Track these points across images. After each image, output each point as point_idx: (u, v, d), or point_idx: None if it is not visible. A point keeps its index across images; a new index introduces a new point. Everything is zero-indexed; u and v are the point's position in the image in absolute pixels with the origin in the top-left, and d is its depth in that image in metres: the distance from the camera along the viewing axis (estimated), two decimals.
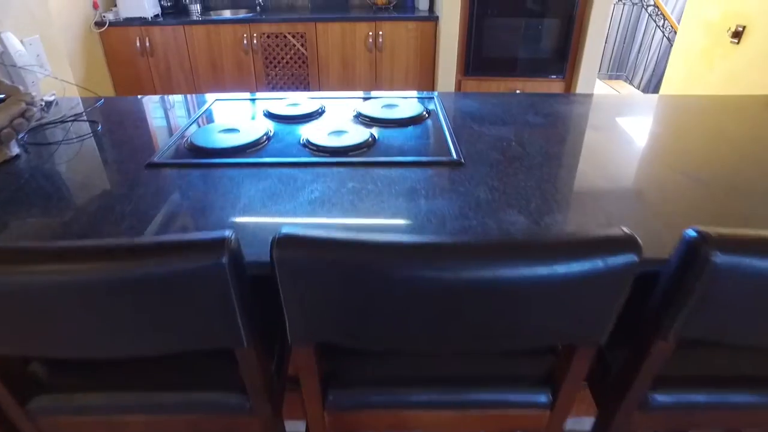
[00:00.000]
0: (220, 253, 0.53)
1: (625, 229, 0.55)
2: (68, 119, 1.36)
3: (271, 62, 3.32)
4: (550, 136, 1.22)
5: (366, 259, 0.53)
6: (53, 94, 1.53)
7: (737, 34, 3.59)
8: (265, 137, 1.16)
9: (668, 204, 0.88)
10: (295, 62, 3.31)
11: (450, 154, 1.08)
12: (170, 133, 1.24)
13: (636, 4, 5.62)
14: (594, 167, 1.04)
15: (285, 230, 0.54)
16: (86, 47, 3.17)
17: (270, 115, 1.32)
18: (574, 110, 1.41)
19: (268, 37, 3.24)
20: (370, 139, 1.13)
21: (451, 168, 1.03)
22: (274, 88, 3.41)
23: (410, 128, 1.24)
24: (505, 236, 0.73)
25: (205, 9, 3.62)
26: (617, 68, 6.27)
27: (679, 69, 4.26)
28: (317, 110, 1.34)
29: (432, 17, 3.20)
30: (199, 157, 1.08)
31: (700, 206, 0.88)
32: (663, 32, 5.64)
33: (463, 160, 1.06)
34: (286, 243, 0.53)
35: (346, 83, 3.37)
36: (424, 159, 1.05)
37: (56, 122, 1.34)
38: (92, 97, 1.60)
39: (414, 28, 3.21)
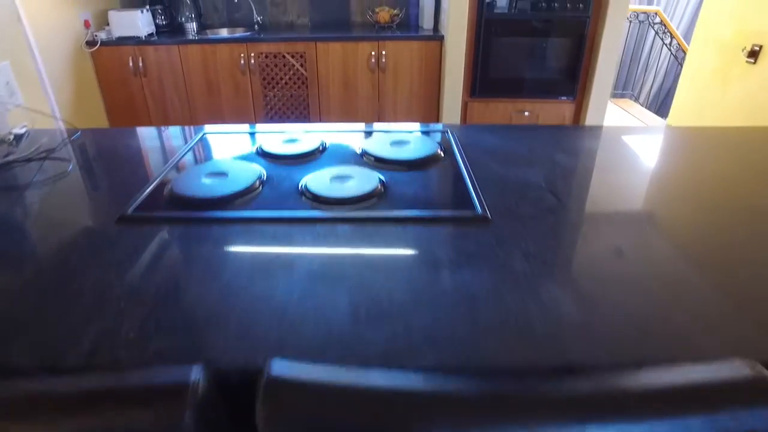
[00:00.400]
0: (180, 409, 0.36)
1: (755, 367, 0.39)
2: (36, 157, 1.21)
3: (269, 83, 3.18)
4: (584, 180, 1.06)
5: (386, 419, 0.37)
6: (24, 126, 1.38)
7: (753, 54, 3.46)
8: (258, 182, 1.00)
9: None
10: (294, 83, 3.18)
11: (473, 206, 0.92)
12: (152, 174, 1.08)
13: (642, 22, 5.52)
14: (649, 225, 0.88)
15: (274, 370, 0.38)
16: (76, 68, 3.04)
17: (264, 154, 1.17)
18: (605, 146, 1.26)
19: (266, 57, 3.11)
20: (378, 187, 0.97)
21: (477, 225, 0.87)
22: (272, 110, 3.27)
23: (424, 171, 1.08)
24: (570, 381, 0.57)
25: (202, 27, 3.50)
26: (623, 86, 6.16)
27: (690, 90, 4.13)
28: (317, 148, 1.18)
29: (437, 36, 3.07)
30: (180, 208, 0.93)
31: None
32: (670, 50, 5.53)
33: (489, 215, 0.90)
34: (275, 396, 0.37)
35: (347, 104, 3.23)
36: (444, 214, 0.90)
37: (22, 160, 1.19)
38: (70, 129, 1.45)
39: (418, 48, 3.08)
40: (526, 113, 3.22)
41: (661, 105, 6.80)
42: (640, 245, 0.81)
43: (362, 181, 0.99)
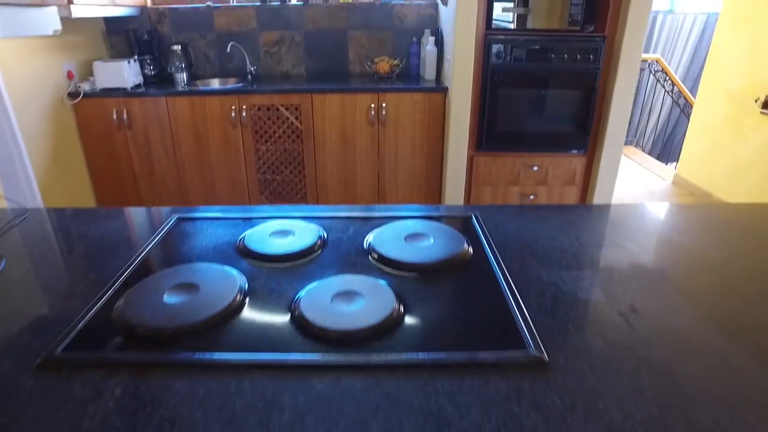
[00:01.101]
0: None
1: None
2: None
3: (261, 136, 2.99)
4: (653, 288, 0.83)
5: None
6: None
7: None
8: (236, 303, 0.77)
9: None
10: (289, 136, 2.99)
11: (524, 342, 0.69)
12: (99, 285, 0.85)
13: (643, 69, 5.46)
14: None
15: None
16: (56, 120, 2.84)
17: (248, 252, 0.94)
18: (664, 232, 1.04)
19: (258, 109, 2.93)
20: (394, 311, 0.74)
21: (532, 374, 0.64)
22: (264, 164, 3.07)
23: (448, 280, 0.85)
24: None
25: (193, 78, 3.34)
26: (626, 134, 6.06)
27: (700, 139, 3.99)
28: (314, 245, 0.96)
29: (440, 88, 2.91)
30: (127, 346, 0.69)
31: None
32: (672, 97, 5.45)
33: (546, 356, 0.66)
34: None
35: (345, 159, 3.04)
36: (482, 357, 0.66)
37: None
38: (19, 208, 1.22)
39: (421, 100, 2.91)
40: (535, 168, 3.03)
41: (662, 150, 6.70)
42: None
43: (373, 298, 0.76)
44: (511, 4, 2.77)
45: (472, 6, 2.66)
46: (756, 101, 3.41)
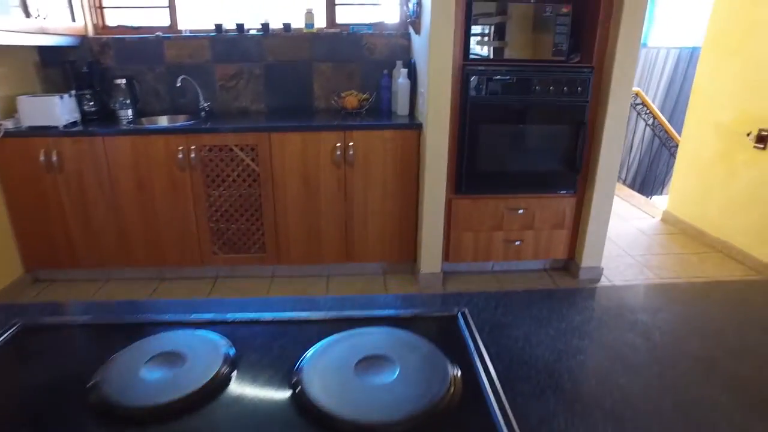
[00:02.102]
0: None
1: None
2: None
3: (213, 180, 2.64)
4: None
5: None
6: None
7: (762, 139, 3.13)
8: None
9: None
10: (244, 180, 2.65)
11: None
12: None
13: None
14: None
15: None
16: None
17: (102, 407, 0.58)
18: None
19: (210, 150, 2.59)
20: None
21: None
22: (217, 212, 2.70)
23: None
24: None
25: (140, 115, 2.99)
26: None
27: (689, 174, 3.77)
28: (211, 381, 0.60)
29: (414, 125, 2.62)
30: None
31: None
32: (654, 130, 5.30)
33: None
34: None
35: (308, 205, 2.70)
36: None
37: None
38: None
39: (392, 138, 2.61)
40: (521, 211, 2.73)
41: (643, 184, 6.54)
42: None
43: None
44: (487, 37, 2.53)
45: (448, 34, 2.40)
46: (748, 135, 3.21)
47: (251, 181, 2.65)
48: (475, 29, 2.50)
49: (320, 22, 3.12)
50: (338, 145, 2.58)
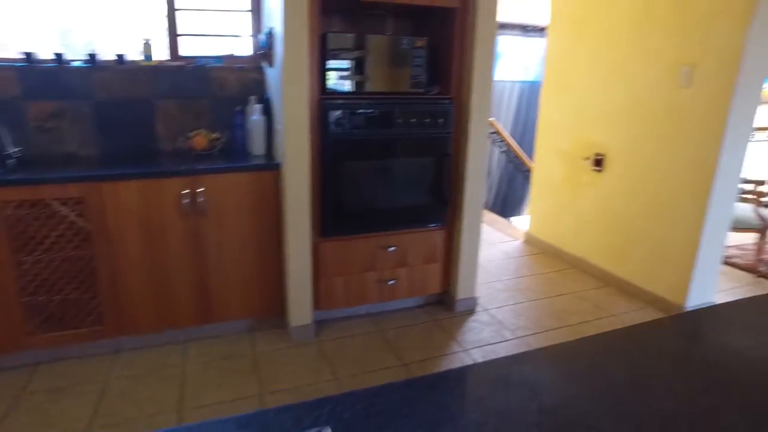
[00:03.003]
0: None
1: None
2: None
3: (25, 245, 2.16)
4: None
5: None
6: None
7: (598, 162, 3.41)
8: None
9: None
10: (70, 240, 2.20)
11: None
12: None
13: None
14: None
15: None
16: None
17: None
18: None
19: (18, 206, 2.12)
20: None
21: None
22: (32, 284, 2.21)
23: None
24: None
25: None
26: None
27: (544, 199, 4.01)
28: None
29: (271, 165, 2.40)
30: None
31: None
32: (509, 156, 5.66)
33: None
34: None
35: (153, 266, 2.33)
36: None
37: None
38: None
39: (248, 181, 2.37)
40: (392, 248, 2.63)
41: (503, 206, 6.97)
42: None
43: None
44: (346, 71, 2.43)
45: (302, 67, 2.24)
46: (587, 160, 3.49)
47: (79, 241, 2.21)
48: (335, 63, 2.38)
49: (161, 54, 2.79)
50: (186, 192, 2.27)
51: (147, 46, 2.68)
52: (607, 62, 3.27)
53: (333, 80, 2.40)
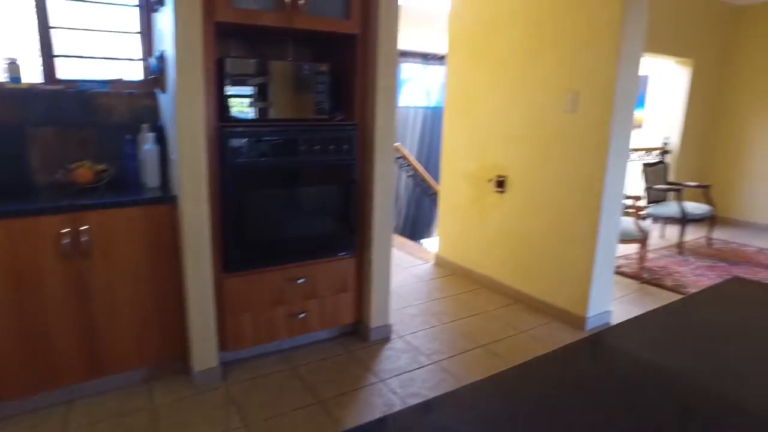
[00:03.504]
0: None
1: None
2: None
3: None
4: None
5: None
6: None
7: (500, 184, 3.56)
8: None
9: None
10: None
11: None
12: None
13: None
14: None
15: None
16: None
17: None
18: None
19: None
20: None
21: None
22: None
23: None
24: None
25: None
26: None
27: (451, 221, 4.10)
28: None
29: (167, 198, 2.22)
30: None
31: None
32: (416, 180, 5.77)
33: None
34: None
35: (26, 316, 2.03)
36: None
37: None
38: None
39: (141, 216, 2.17)
40: (302, 280, 2.53)
41: (411, 228, 7.08)
42: None
43: None
44: (249, 99, 2.33)
45: (197, 92, 2.11)
46: (490, 181, 3.63)
47: None
48: (234, 89, 2.27)
49: (33, 76, 2.51)
50: (66, 231, 2.02)
51: (13, 67, 2.39)
52: (504, 88, 3.45)
53: (233, 107, 2.29)
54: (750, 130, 5.93)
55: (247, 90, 2.33)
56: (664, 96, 6.14)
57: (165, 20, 2.21)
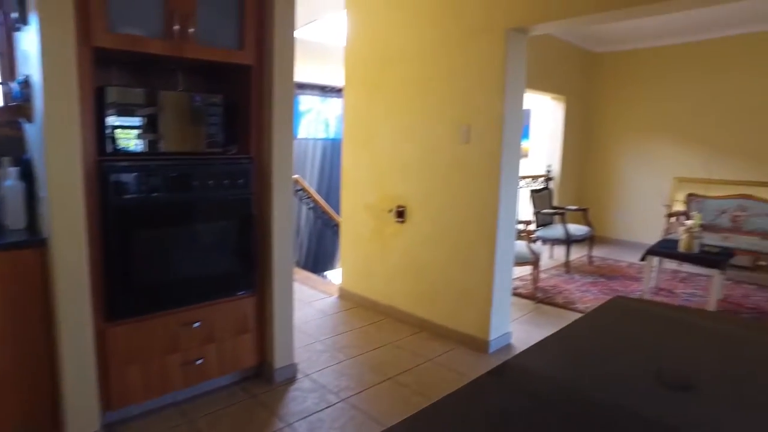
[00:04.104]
0: None
1: None
2: None
3: None
4: None
5: None
6: None
7: (400, 214, 3.62)
8: None
9: None
10: None
11: None
12: None
13: None
14: None
15: None
16: None
17: None
18: None
19: None
20: None
21: None
22: None
23: None
24: None
25: None
26: None
27: (354, 253, 4.08)
28: None
29: (34, 241, 1.97)
30: None
31: None
32: (316, 213, 5.70)
33: None
34: None
35: None
36: None
37: None
38: None
39: (1, 263, 1.89)
40: (197, 324, 2.34)
41: (314, 262, 6.97)
42: None
43: None
44: (136, 131, 2.15)
45: (71, 122, 1.90)
46: (390, 212, 3.68)
47: None
48: (118, 120, 2.08)
49: None
50: None
51: None
52: (400, 121, 3.54)
53: (118, 139, 2.10)
54: (615, 159, 6.65)
55: (134, 121, 2.16)
56: (545, 128, 6.71)
57: (30, 41, 1.99)
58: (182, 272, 2.27)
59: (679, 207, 5.69)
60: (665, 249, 4.24)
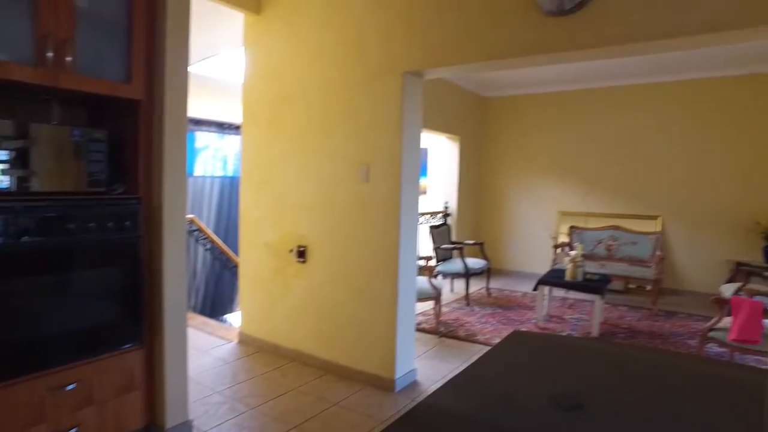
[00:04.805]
0: None
1: None
2: None
3: None
4: None
5: None
6: None
7: (301, 254, 3.54)
8: None
9: None
10: None
11: None
12: None
13: None
14: None
15: None
16: None
17: None
18: None
19: None
20: None
21: None
22: None
23: None
24: None
25: None
26: None
27: (254, 295, 3.90)
28: None
29: None
30: None
31: None
32: (213, 253, 5.42)
33: None
34: None
35: None
36: None
37: None
38: None
39: None
40: (72, 386, 2.06)
41: (212, 306, 6.58)
42: None
43: None
44: (2, 165, 1.91)
45: None
46: (291, 252, 3.59)
47: None
48: None
49: None
50: None
51: None
52: (300, 160, 3.50)
53: None
54: (506, 194, 7.12)
55: (8, 156, 1.91)
56: (441, 166, 7.03)
57: None
58: (55, 327, 2.01)
59: (564, 238, 6.18)
60: (554, 278, 4.55)
